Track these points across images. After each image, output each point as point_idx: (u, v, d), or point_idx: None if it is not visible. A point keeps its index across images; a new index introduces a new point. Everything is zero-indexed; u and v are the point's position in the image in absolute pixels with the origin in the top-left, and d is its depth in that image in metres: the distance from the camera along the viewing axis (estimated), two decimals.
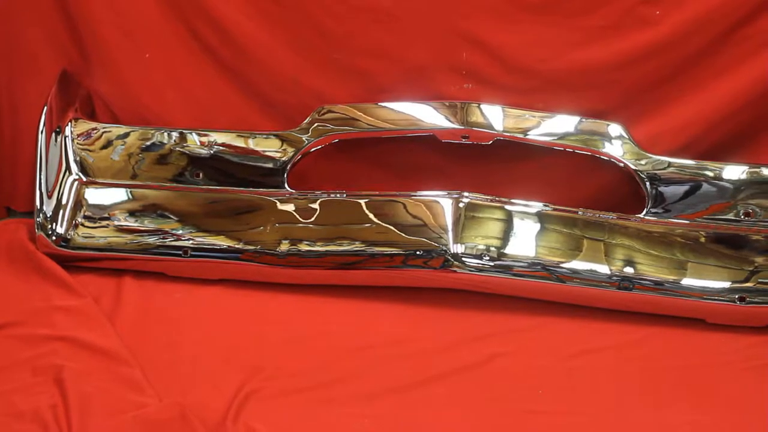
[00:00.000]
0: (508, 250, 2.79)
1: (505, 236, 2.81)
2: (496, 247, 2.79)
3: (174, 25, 3.02)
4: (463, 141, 2.89)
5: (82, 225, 2.92)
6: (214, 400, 2.42)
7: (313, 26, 2.95)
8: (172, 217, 2.94)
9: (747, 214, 2.78)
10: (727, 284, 2.76)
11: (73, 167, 2.96)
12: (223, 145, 2.94)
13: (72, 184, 2.95)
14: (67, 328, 2.61)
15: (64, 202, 2.93)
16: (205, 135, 2.96)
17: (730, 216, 2.80)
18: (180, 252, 2.89)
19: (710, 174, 2.82)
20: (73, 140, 2.96)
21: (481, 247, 2.78)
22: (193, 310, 2.80)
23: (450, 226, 2.79)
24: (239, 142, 2.94)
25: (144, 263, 2.91)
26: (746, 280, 2.75)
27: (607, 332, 2.74)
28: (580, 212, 2.83)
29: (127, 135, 2.98)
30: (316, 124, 2.90)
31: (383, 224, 2.84)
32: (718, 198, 2.81)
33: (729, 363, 2.63)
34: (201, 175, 2.94)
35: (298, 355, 2.63)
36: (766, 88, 2.86)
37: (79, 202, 2.94)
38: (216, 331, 2.71)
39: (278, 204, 2.90)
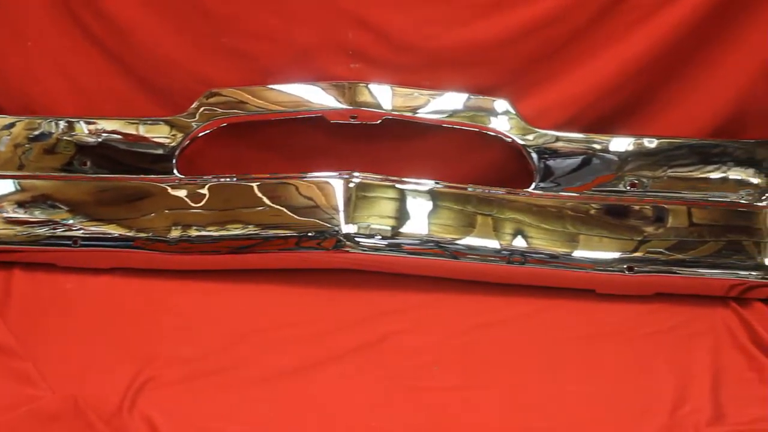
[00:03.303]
0: (400, 229, 2.81)
1: (398, 215, 2.83)
2: (388, 226, 2.81)
3: (56, 13, 2.97)
4: (352, 121, 2.89)
5: None
6: (108, 391, 2.41)
7: (197, 10, 2.92)
8: (61, 207, 2.91)
9: (633, 185, 2.83)
10: (616, 255, 2.80)
11: None
12: (111, 132, 2.92)
13: None
14: None
15: None
16: (93, 123, 2.93)
17: (618, 187, 2.84)
18: (70, 242, 2.86)
19: (597, 147, 2.85)
20: None
21: (374, 226, 2.80)
22: (84, 300, 2.77)
23: (341, 207, 2.80)
24: (127, 129, 2.92)
25: (33, 255, 2.88)
26: (634, 250, 2.80)
27: (500, 307, 2.78)
28: (470, 188, 2.85)
29: (12, 125, 2.94)
30: (203, 109, 2.88)
31: (275, 207, 2.84)
32: (605, 170, 2.84)
33: (618, 333, 2.68)
34: (88, 163, 2.91)
35: (192, 342, 2.62)
36: (649, 60, 2.89)
37: None
38: (108, 320, 2.70)
39: (169, 190, 2.88)
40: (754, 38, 2.88)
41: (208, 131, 2.91)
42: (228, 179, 2.88)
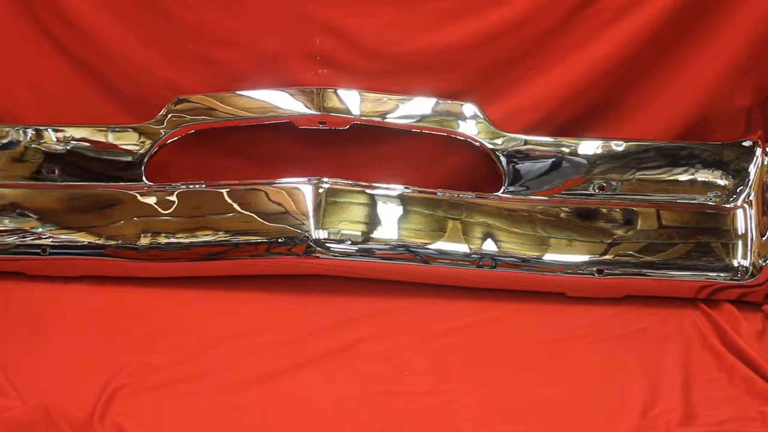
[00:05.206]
0: (370, 234, 2.81)
1: (368, 220, 2.83)
2: (358, 231, 2.81)
3: (22, 21, 2.96)
4: (321, 126, 2.89)
5: None
6: (79, 399, 2.40)
7: (162, 16, 2.92)
8: (30, 215, 2.89)
9: (601, 188, 2.84)
10: (586, 257, 2.81)
11: None
12: (79, 140, 2.91)
13: None
14: None
15: None
16: (62, 131, 2.92)
17: (587, 190, 2.85)
18: (39, 250, 2.84)
19: (566, 150, 2.86)
20: None
21: (344, 231, 2.80)
22: (54, 309, 2.76)
23: (311, 213, 2.80)
24: (96, 137, 2.91)
25: (2, 263, 2.86)
26: (604, 253, 2.81)
27: (470, 311, 2.78)
28: (439, 193, 2.86)
29: None
30: (171, 115, 2.88)
31: (245, 213, 2.83)
32: (574, 173, 2.86)
33: (588, 335, 2.69)
34: (57, 171, 2.90)
35: (163, 349, 2.62)
36: (616, 63, 2.91)
37: None
38: (78, 329, 2.68)
39: (138, 197, 2.87)
40: (720, 40, 2.90)
41: (176, 138, 2.90)
42: (197, 186, 2.87)
